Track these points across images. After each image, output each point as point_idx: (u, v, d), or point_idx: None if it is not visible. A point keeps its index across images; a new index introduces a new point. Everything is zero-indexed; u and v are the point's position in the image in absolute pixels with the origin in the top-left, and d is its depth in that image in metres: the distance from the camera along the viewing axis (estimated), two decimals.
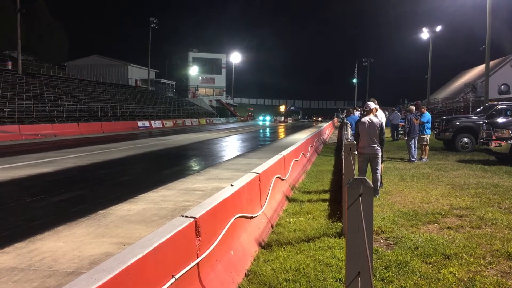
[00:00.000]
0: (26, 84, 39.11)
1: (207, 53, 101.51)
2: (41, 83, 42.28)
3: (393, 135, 25.16)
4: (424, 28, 49.53)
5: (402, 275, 4.39)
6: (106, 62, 73.42)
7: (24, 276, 4.33)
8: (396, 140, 24.25)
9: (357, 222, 2.50)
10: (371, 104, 8.46)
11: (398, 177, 10.87)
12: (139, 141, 25.16)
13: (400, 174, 11.34)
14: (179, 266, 3.14)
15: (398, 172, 11.71)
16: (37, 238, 5.69)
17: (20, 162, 13.82)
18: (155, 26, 62.77)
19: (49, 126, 29.69)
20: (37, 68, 50.70)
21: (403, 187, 9.47)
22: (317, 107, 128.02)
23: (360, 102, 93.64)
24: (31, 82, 40.92)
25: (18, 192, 9.19)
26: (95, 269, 2.38)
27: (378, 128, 8.08)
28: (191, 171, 12.69)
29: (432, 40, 48.87)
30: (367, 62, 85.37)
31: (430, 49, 48.76)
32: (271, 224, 6.30)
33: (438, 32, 49.31)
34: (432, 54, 48.96)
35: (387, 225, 6.22)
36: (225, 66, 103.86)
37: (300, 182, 10.20)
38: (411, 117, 14.26)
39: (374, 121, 8.10)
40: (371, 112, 8.36)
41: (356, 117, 16.77)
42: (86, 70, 63.56)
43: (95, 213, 7.11)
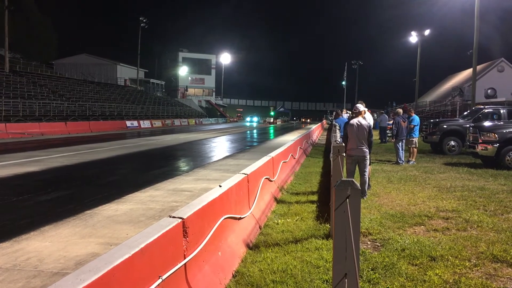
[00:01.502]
0: (13, 82, 38.68)
1: (197, 53, 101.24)
2: (28, 81, 41.85)
3: (381, 137, 25.33)
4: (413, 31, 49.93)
5: (388, 277, 4.42)
6: (95, 61, 72.91)
7: (9, 276, 4.27)
8: (384, 142, 24.41)
9: (345, 223, 2.51)
10: (359, 106, 8.51)
11: (385, 179, 10.94)
12: (128, 141, 25.01)
13: (387, 176, 11.42)
14: (166, 267, 3.13)
15: (386, 174, 11.79)
16: (23, 237, 5.63)
17: (6, 161, 13.66)
18: (145, 25, 62.55)
19: (36, 125, 29.40)
20: (24, 66, 50.18)
21: (391, 189, 9.54)
22: (306, 109, 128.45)
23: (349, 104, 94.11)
24: (18, 80, 40.47)
25: (3, 191, 9.06)
26: (81, 270, 2.36)
27: (367, 131, 8.13)
28: (180, 171, 12.64)
29: (421, 44, 49.28)
30: (356, 65, 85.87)
31: (418, 53, 49.16)
32: (259, 225, 6.30)
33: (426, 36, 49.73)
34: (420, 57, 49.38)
35: (374, 227, 6.26)
36: (215, 66, 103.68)
37: (289, 184, 10.21)
38: (398, 120, 14.37)
39: (362, 123, 8.15)
40: (360, 114, 8.41)
41: (344, 119, 16.84)
42: (74, 69, 63.12)
43: (82, 213, 7.05)
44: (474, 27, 26.57)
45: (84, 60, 71.79)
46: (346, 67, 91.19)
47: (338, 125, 15.73)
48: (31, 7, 66.79)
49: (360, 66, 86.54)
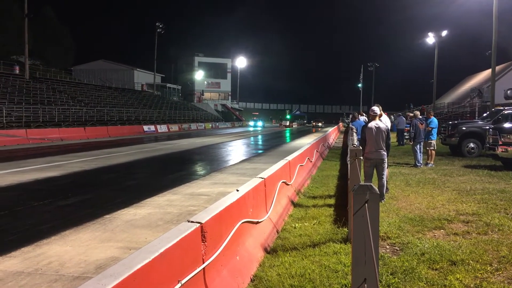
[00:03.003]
0: (33, 89, 39.37)
1: (212, 57, 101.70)
2: (48, 88, 42.56)
3: (399, 140, 25.09)
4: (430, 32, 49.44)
5: (408, 281, 4.38)
6: (112, 66, 73.80)
7: (31, 281, 4.35)
8: (401, 145, 24.17)
9: (363, 228, 2.50)
10: (376, 109, 8.45)
11: (404, 182, 10.83)
12: (145, 145, 25.24)
13: (406, 179, 11.30)
14: (185, 271, 3.15)
15: (404, 177, 11.67)
16: (44, 242, 5.72)
17: (27, 166, 13.91)
18: (161, 31, 63.11)
19: (56, 130, 29.83)
20: (44, 72, 51.06)
21: (409, 192, 9.44)
22: (322, 112, 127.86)
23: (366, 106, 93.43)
24: (38, 86, 41.19)
25: (25, 196, 9.24)
26: (102, 274, 2.40)
27: (385, 133, 8.08)
28: (197, 175, 12.71)
29: (438, 45, 48.76)
30: (373, 67, 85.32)
31: (436, 54, 48.65)
32: (277, 229, 6.30)
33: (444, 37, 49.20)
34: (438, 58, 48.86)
35: (393, 231, 6.20)
36: (231, 70, 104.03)
37: (306, 187, 10.19)
38: (416, 122, 14.22)
39: (381, 126, 8.10)
40: (376, 117, 8.35)
41: (361, 122, 16.72)
42: (92, 75, 63.89)
43: (101, 217, 7.14)
44: (493, 27, 26.19)
45: (101, 66, 72.71)
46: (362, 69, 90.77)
47: (355, 128, 15.64)
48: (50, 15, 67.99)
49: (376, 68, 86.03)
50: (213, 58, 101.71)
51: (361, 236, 2.50)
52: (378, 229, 2.81)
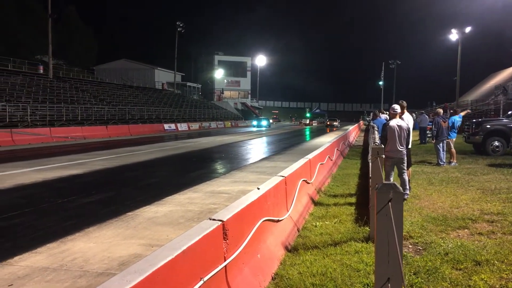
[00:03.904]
0: (57, 88, 40.11)
1: (232, 56, 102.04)
2: (71, 87, 43.29)
3: (421, 138, 24.74)
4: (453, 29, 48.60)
5: (431, 281, 4.32)
6: (133, 65, 74.65)
7: (56, 276, 4.44)
8: (424, 143, 23.84)
9: (387, 227, 2.48)
10: (397, 107, 8.35)
11: (426, 181, 10.68)
12: (166, 143, 25.47)
13: (428, 178, 11.15)
14: (207, 269, 3.17)
15: (427, 176, 11.51)
16: (68, 238, 5.83)
17: (51, 164, 14.18)
18: (182, 30, 63.53)
19: (79, 129, 30.34)
20: (67, 72, 51.95)
21: (432, 191, 9.31)
22: (342, 110, 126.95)
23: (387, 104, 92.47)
24: (62, 86, 41.93)
25: (49, 193, 9.43)
26: (127, 271, 2.43)
27: (407, 132, 8.00)
28: (217, 173, 12.77)
29: (461, 41, 47.90)
30: (394, 64, 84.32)
31: (459, 51, 47.82)
32: (297, 227, 6.28)
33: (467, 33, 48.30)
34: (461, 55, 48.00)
35: (416, 230, 6.13)
36: (250, 69, 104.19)
37: (326, 186, 10.14)
38: (438, 120, 14.01)
39: (402, 125, 8.01)
40: (397, 115, 8.26)
41: (382, 120, 16.54)
42: (114, 74, 64.74)
43: (124, 214, 7.24)
44: None
45: (123, 65, 73.61)
46: (383, 67, 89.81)
47: (376, 126, 15.49)
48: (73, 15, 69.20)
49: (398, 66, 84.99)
50: (233, 56, 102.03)
51: (385, 235, 2.47)
52: (402, 228, 2.78)
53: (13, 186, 10.06)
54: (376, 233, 2.59)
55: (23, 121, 28.47)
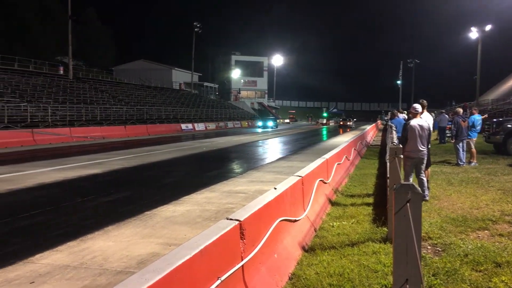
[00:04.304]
0: (77, 89, 40.69)
1: (249, 56, 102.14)
2: (90, 88, 43.87)
3: (440, 138, 24.42)
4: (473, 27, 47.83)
5: (450, 283, 4.27)
6: (151, 66, 75.32)
7: (77, 274, 4.51)
8: (443, 143, 23.53)
9: (405, 228, 2.46)
10: (418, 106, 8.26)
11: (445, 181, 10.55)
12: (183, 143, 25.64)
13: (447, 178, 11.00)
14: (225, 268, 3.19)
15: (446, 176, 11.37)
16: (88, 237, 5.92)
17: (71, 163, 14.40)
18: (199, 30, 63.84)
19: (98, 129, 30.73)
20: (86, 73, 52.72)
21: (451, 191, 9.18)
22: (360, 109, 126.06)
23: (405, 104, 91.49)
24: (81, 86, 42.53)
25: (70, 193, 9.59)
26: (145, 269, 2.46)
27: (427, 132, 7.93)
28: (234, 173, 12.80)
29: (482, 40, 47.12)
30: (413, 63, 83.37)
31: (479, 49, 47.05)
32: (314, 227, 6.27)
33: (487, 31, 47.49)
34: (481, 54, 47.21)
35: (435, 231, 6.06)
36: (267, 68, 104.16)
37: (343, 186, 10.09)
38: (458, 120, 13.81)
39: (424, 125, 7.94)
40: (418, 114, 8.17)
41: (401, 120, 16.38)
42: (132, 74, 65.35)
43: (142, 213, 7.31)
44: None
45: (141, 66, 74.31)
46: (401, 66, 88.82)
47: (394, 125, 15.35)
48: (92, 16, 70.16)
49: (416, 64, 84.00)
50: (249, 56, 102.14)
51: (403, 236, 2.46)
52: (421, 229, 2.75)
53: (35, 185, 10.25)
54: (394, 234, 2.57)
55: (44, 121, 28.95)
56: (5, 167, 13.21)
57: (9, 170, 12.55)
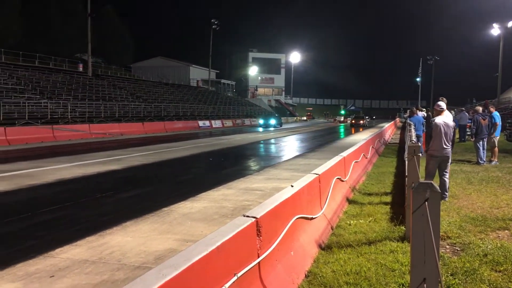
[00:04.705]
0: (96, 86, 41.20)
1: (266, 53, 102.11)
2: (109, 84, 44.38)
3: (461, 136, 24.06)
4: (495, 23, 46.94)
5: (469, 283, 4.21)
6: (169, 63, 75.80)
7: (95, 269, 4.58)
8: (463, 141, 23.18)
9: (423, 227, 2.43)
10: (442, 104, 8.14)
11: (465, 180, 10.39)
12: (200, 140, 25.77)
13: (467, 177, 10.84)
14: (241, 265, 3.20)
15: (466, 175, 11.20)
16: (107, 232, 6.00)
17: (90, 159, 14.60)
18: (216, 27, 63.98)
19: (116, 126, 31.07)
20: (105, 70, 53.33)
21: (471, 191, 9.05)
22: (378, 107, 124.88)
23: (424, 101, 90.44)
24: (100, 83, 43.05)
25: (89, 188, 9.73)
26: (163, 265, 2.49)
27: (453, 130, 7.84)
28: (250, 170, 12.82)
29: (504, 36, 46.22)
30: (432, 60, 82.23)
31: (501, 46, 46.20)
32: (331, 225, 6.25)
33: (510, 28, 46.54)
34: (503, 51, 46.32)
35: (453, 230, 5.98)
36: (284, 66, 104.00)
37: (361, 184, 10.02)
38: (478, 118, 13.59)
39: (449, 123, 7.84)
40: (443, 112, 8.07)
41: (420, 118, 16.21)
42: (150, 71, 65.84)
43: (159, 210, 7.38)
44: None
45: (159, 63, 74.84)
46: (421, 63, 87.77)
47: (413, 123, 15.18)
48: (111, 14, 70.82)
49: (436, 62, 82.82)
50: (267, 53, 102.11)
51: (421, 235, 2.43)
52: (439, 228, 2.72)
53: (55, 180, 10.42)
54: (411, 233, 2.55)
55: (63, 117, 29.39)
56: (26, 163, 13.45)
57: (29, 165, 12.78)
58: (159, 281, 2.25)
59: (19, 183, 9.95)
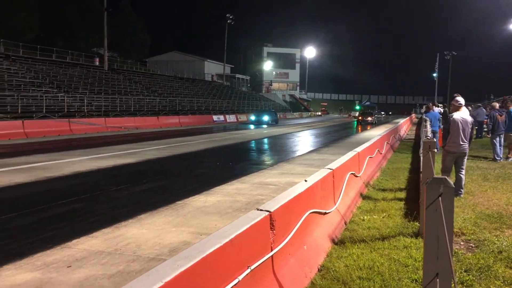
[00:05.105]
0: (112, 80, 41.60)
1: (281, 47, 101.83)
2: (124, 79, 44.76)
3: (477, 132, 23.75)
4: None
5: (483, 279, 4.19)
6: (184, 57, 76.10)
7: (111, 260, 4.66)
8: (480, 137, 22.89)
9: (436, 222, 2.43)
10: (461, 99, 8.07)
11: (481, 177, 10.28)
12: (214, 134, 25.86)
13: (483, 173, 10.72)
14: (254, 258, 3.23)
15: (482, 171, 11.07)
16: (122, 224, 6.09)
17: (106, 152, 14.77)
18: (231, 22, 63.97)
19: (132, 119, 31.36)
20: (121, 64, 53.76)
21: (487, 187, 8.95)
22: (393, 103, 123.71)
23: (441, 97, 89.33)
24: (116, 77, 43.45)
25: (105, 181, 9.86)
26: (177, 256, 2.53)
27: (470, 126, 7.78)
28: (264, 165, 12.85)
29: None
30: (449, 56, 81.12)
31: None
32: (345, 221, 6.25)
33: None
34: None
35: (468, 227, 5.94)
36: (299, 60, 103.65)
37: (375, 179, 9.98)
38: (494, 114, 13.40)
39: (467, 119, 7.78)
40: (460, 108, 8.00)
41: (436, 114, 16.05)
42: (165, 66, 66.21)
43: (174, 203, 7.45)
44: None
45: (174, 57, 75.17)
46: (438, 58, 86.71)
47: (429, 119, 15.04)
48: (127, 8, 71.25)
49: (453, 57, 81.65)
50: (281, 48, 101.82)
51: (434, 230, 2.43)
52: (453, 223, 2.71)
53: (71, 173, 10.58)
54: (425, 228, 2.55)
55: (80, 111, 29.76)
56: (44, 156, 13.67)
57: (47, 158, 12.98)
58: (174, 272, 2.29)
59: (37, 175, 10.12)
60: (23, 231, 5.88)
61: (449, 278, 2.41)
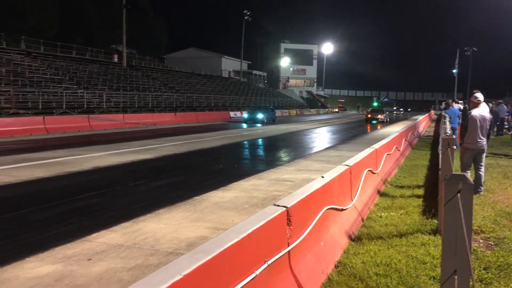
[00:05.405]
0: (130, 76, 41.99)
1: (298, 44, 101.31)
2: (143, 75, 45.14)
3: (498, 129, 23.36)
4: None
5: (503, 278, 4.14)
6: (201, 54, 76.29)
7: (130, 253, 4.73)
8: (501, 134, 22.51)
9: (455, 219, 2.42)
10: (480, 96, 7.96)
11: (501, 174, 10.13)
12: (231, 131, 25.93)
13: (503, 171, 10.55)
14: (271, 253, 3.26)
15: (502, 169, 10.90)
16: (140, 219, 6.17)
17: (124, 148, 14.94)
18: (248, 18, 63.93)
19: (150, 116, 31.60)
20: (139, 61, 54.16)
21: (507, 185, 8.82)
22: (412, 99, 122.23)
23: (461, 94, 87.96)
24: (134, 74, 43.84)
25: (123, 177, 9.98)
26: (195, 250, 2.56)
27: (489, 123, 7.70)
28: (281, 161, 12.85)
29: None
30: (470, 51, 79.76)
31: None
32: (362, 217, 6.23)
33: None
34: None
35: (488, 225, 5.86)
36: (317, 57, 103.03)
37: (393, 176, 9.91)
38: None
39: (486, 116, 7.69)
40: (479, 104, 7.90)
41: (456, 110, 15.83)
42: (183, 62, 66.45)
43: (191, 198, 7.51)
44: None
45: (191, 54, 75.42)
46: (458, 54, 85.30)
47: (448, 116, 14.85)
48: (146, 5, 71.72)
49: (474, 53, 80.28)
50: (299, 44, 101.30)
51: (452, 227, 2.42)
52: (471, 220, 2.69)
53: (91, 168, 10.74)
54: (443, 224, 2.54)
55: (99, 107, 30.13)
56: (64, 151, 13.89)
57: (67, 153, 13.19)
58: (192, 265, 2.33)
59: (58, 170, 10.30)
60: (44, 225, 6.00)
61: (468, 275, 2.39)
